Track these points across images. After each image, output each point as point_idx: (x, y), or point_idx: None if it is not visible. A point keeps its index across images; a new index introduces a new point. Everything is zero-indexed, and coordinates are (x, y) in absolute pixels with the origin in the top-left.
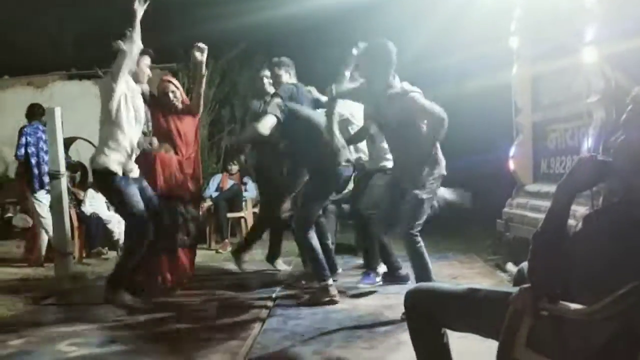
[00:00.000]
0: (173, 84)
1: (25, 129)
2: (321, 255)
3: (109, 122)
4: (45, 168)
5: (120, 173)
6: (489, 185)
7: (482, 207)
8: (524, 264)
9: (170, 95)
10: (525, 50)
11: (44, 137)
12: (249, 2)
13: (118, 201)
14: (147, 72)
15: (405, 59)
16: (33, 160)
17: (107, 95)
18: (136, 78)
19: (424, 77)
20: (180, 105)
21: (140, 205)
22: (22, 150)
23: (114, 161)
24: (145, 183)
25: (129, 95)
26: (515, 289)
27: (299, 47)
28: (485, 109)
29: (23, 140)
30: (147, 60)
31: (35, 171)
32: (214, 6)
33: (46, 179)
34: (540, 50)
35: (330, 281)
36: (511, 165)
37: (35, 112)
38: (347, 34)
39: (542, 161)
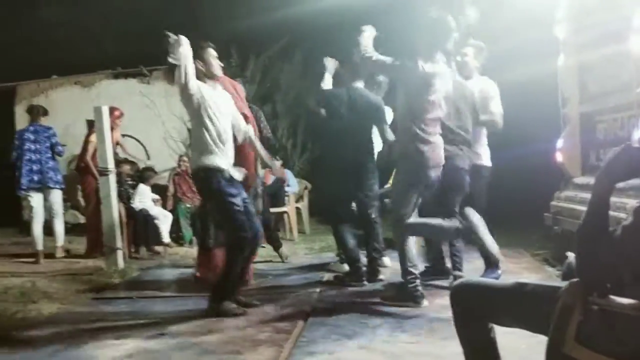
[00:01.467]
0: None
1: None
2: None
3: (196, 126)
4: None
5: (221, 172)
6: (535, 178)
7: (529, 201)
8: (572, 258)
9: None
10: (572, 39)
11: (31, 137)
12: None
13: (217, 204)
14: (217, 62)
15: None
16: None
17: (186, 102)
18: (210, 74)
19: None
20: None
21: (241, 209)
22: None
23: (211, 161)
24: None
25: (206, 97)
26: (563, 284)
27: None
28: (530, 100)
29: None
30: (213, 53)
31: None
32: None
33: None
34: (588, 38)
35: (418, 281)
36: (559, 157)
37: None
38: (389, 25)
39: (590, 153)
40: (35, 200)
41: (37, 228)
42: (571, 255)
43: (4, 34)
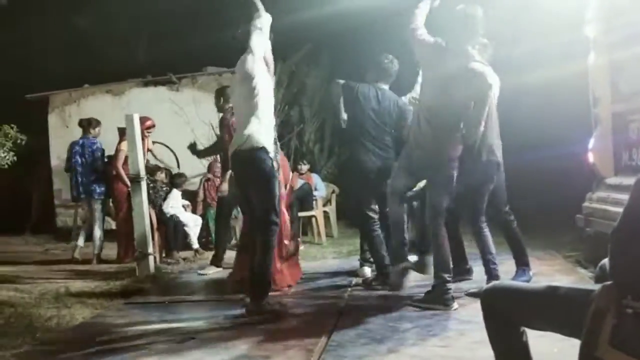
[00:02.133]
0: None
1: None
2: (446, 253)
3: (251, 105)
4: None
5: (269, 154)
6: (567, 180)
7: (560, 202)
8: (606, 260)
9: None
10: (603, 38)
11: (79, 150)
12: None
13: (265, 185)
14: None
15: None
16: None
17: (247, 76)
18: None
19: (494, 65)
20: None
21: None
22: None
23: (265, 141)
24: None
25: (265, 75)
26: (597, 287)
27: (366, 44)
28: (560, 100)
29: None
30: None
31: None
32: (281, 4)
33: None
34: (619, 37)
35: (450, 284)
36: (590, 157)
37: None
38: (400, 31)
39: (623, 153)
40: (84, 209)
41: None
42: (606, 258)
43: (38, 44)
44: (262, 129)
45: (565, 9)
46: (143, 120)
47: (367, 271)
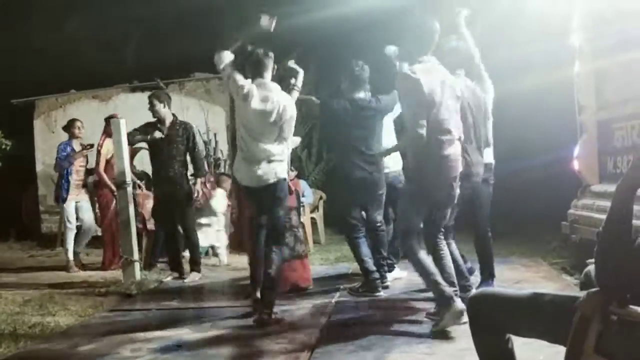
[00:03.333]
0: None
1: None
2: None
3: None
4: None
5: None
6: (552, 186)
7: (546, 209)
8: (591, 267)
9: None
10: (589, 47)
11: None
12: (303, 6)
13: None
14: None
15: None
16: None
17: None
18: None
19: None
20: None
21: None
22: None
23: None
24: None
25: None
26: (582, 294)
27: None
28: (546, 107)
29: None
30: None
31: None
32: (269, 12)
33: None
34: (604, 46)
35: (457, 302)
36: (576, 165)
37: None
38: (403, 32)
39: (608, 160)
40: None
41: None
42: (591, 265)
43: (24, 48)
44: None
45: (553, 17)
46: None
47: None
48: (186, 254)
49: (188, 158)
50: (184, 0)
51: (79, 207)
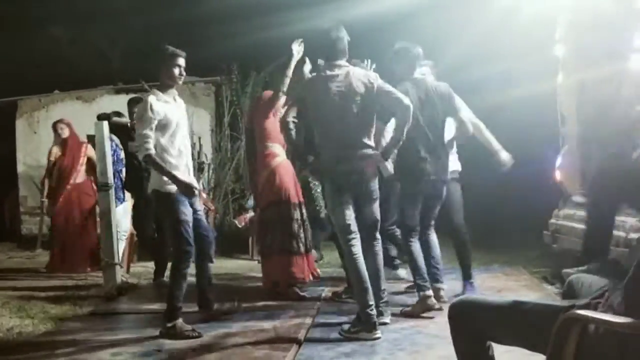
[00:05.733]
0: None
1: None
2: (422, 265)
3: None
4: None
5: None
6: (534, 196)
7: (528, 219)
8: (573, 277)
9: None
10: (571, 58)
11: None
12: (289, 14)
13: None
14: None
15: (447, 67)
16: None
17: None
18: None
19: (466, 85)
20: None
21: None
22: None
23: None
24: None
25: None
26: (563, 302)
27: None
28: (530, 118)
29: None
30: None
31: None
32: (255, 20)
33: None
34: (587, 58)
35: (429, 292)
36: (558, 175)
37: None
38: (389, 44)
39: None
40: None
41: None
42: (573, 275)
43: (7, 48)
44: None
45: (537, 29)
46: None
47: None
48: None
49: None
50: (170, 5)
51: None
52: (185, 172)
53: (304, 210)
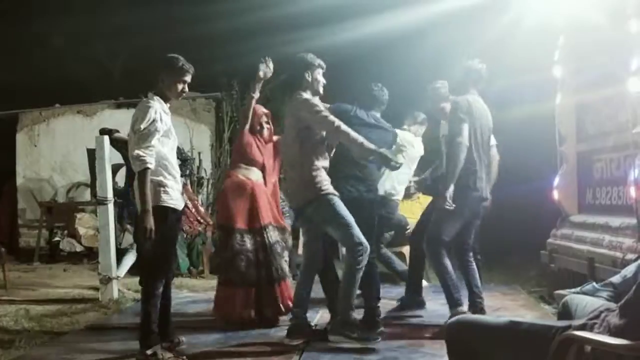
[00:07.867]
0: (267, 115)
1: None
2: (454, 280)
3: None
4: None
5: None
6: (532, 216)
7: (526, 238)
8: (568, 298)
9: (266, 127)
10: (570, 79)
11: None
12: (290, 34)
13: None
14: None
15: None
16: None
17: None
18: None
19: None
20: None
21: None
22: None
23: None
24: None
25: None
26: (559, 323)
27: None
28: (528, 138)
29: None
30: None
31: None
32: (257, 38)
33: None
34: (585, 79)
35: (463, 308)
36: (555, 195)
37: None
38: (384, 65)
39: (587, 191)
40: None
41: None
42: (568, 295)
43: (11, 62)
44: None
45: (536, 50)
46: None
47: None
48: None
49: None
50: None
51: None
52: (180, 182)
53: (269, 237)
